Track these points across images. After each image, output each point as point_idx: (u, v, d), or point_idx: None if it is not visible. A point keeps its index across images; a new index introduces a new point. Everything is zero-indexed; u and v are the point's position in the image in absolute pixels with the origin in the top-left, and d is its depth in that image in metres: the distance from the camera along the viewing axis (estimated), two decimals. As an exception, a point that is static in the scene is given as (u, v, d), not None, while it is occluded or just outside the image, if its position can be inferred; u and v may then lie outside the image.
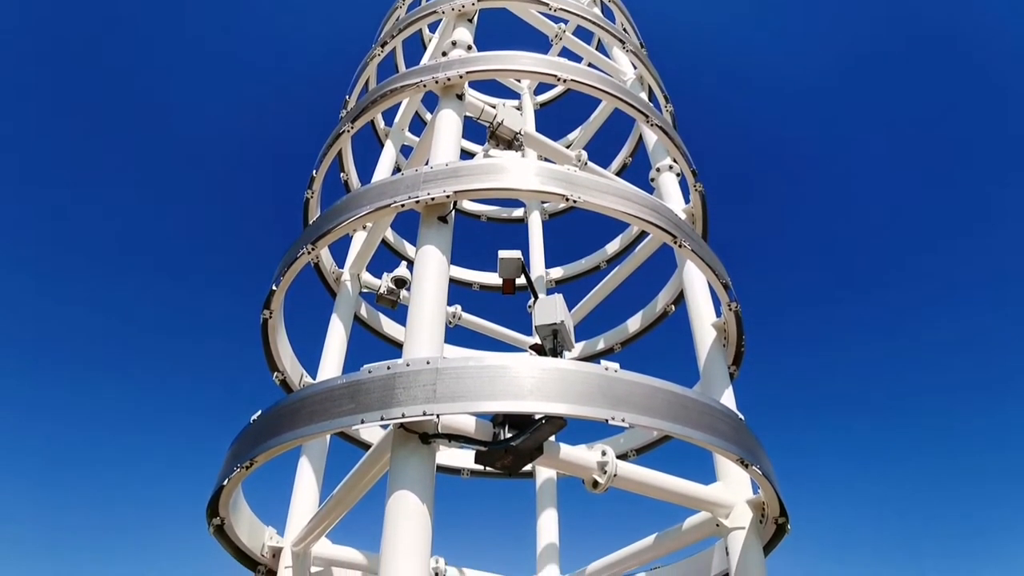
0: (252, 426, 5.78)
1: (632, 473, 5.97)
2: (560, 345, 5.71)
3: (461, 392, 4.84)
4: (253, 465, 5.55)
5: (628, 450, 9.61)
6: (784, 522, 6.23)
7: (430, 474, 4.97)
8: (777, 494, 6.00)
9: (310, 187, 9.64)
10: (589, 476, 5.77)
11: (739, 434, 5.74)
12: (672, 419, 5.23)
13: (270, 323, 7.85)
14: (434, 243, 6.25)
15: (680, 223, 7.21)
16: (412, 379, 4.96)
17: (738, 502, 6.39)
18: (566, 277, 12.51)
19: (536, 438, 5.11)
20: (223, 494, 6.05)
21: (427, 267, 6.05)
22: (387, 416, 4.83)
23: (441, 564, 8.05)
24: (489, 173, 6.49)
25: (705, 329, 7.95)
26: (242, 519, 6.80)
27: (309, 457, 7.82)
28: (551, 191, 6.44)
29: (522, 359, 5.26)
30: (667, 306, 10.18)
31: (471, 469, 10.11)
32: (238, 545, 6.74)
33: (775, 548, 6.46)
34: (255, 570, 7.06)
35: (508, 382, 4.90)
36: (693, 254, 7.04)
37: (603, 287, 10.59)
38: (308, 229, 7.49)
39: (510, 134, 8.54)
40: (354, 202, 6.84)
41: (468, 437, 5.24)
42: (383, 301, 9.48)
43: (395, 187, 6.59)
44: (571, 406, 4.86)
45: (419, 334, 5.58)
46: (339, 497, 6.34)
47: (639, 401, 5.12)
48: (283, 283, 7.35)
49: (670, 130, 9.48)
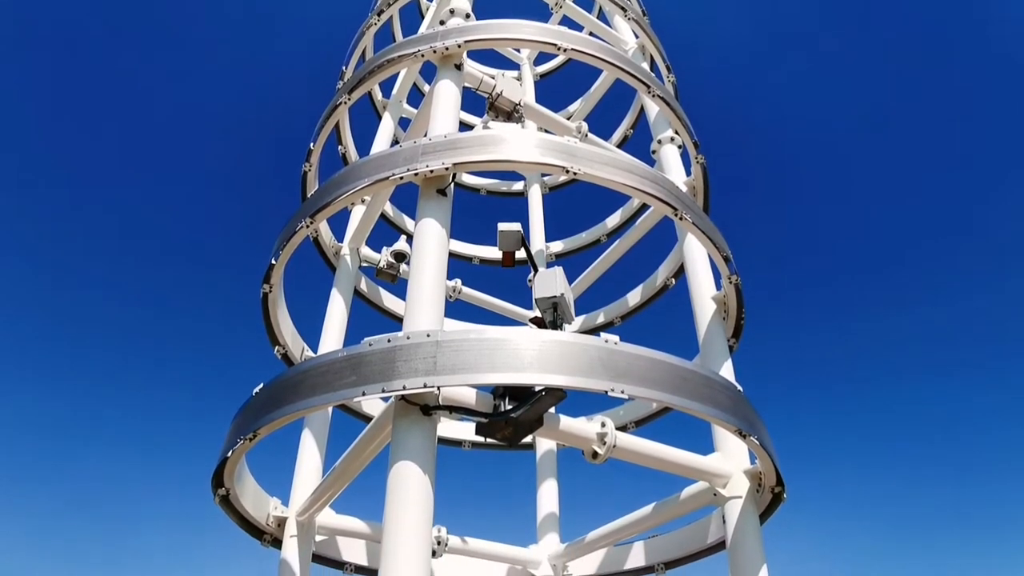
0: (254, 399, 5.84)
1: (631, 444, 6.04)
2: (560, 318, 5.72)
3: (462, 364, 4.87)
4: (256, 437, 5.61)
5: (627, 422, 9.71)
6: (780, 491, 6.33)
7: (431, 445, 5.03)
8: (774, 464, 6.08)
9: (308, 160, 9.54)
10: (588, 447, 5.84)
11: (737, 405, 5.79)
12: (671, 391, 5.27)
13: (270, 297, 7.85)
14: (433, 216, 6.21)
15: (681, 195, 7.16)
16: (413, 352, 4.98)
17: (735, 472, 6.48)
18: (566, 251, 12.47)
19: (536, 410, 5.16)
20: (227, 465, 6.13)
21: (426, 240, 6.02)
22: (388, 388, 4.86)
23: (443, 533, 8.18)
24: (488, 145, 6.41)
25: (705, 302, 7.96)
26: (247, 490, 6.91)
27: (312, 429, 7.91)
28: (551, 163, 6.37)
29: (522, 331, 5.28)
30: (667, 279, 10.17)
31: (472, 441, 10.23)
32: (243, 515, 6.87)
33: (771, 517, 6.59)
34: (261, 539, 7.21)
35: (508, 354, 4.93)
36: (694, 227, 7.00)
37: (603, 260, 10.57)
38: (306, 202, 7.44)
39: (509, 105, 8.42)
40: (352, 175, 6.77)
41: (469, 409, 5.29)
42: (383, 275, 9.47)
43: (393, 159, 6.52)
44: (571, 378, 4.89)
45: (419, 307, 5.58)
46: (342, 468, 6.43)
47: (639, 373, 5.15)
48: (282, 257, 7.33)
49: (672, 101, 9.34)
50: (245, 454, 6.43)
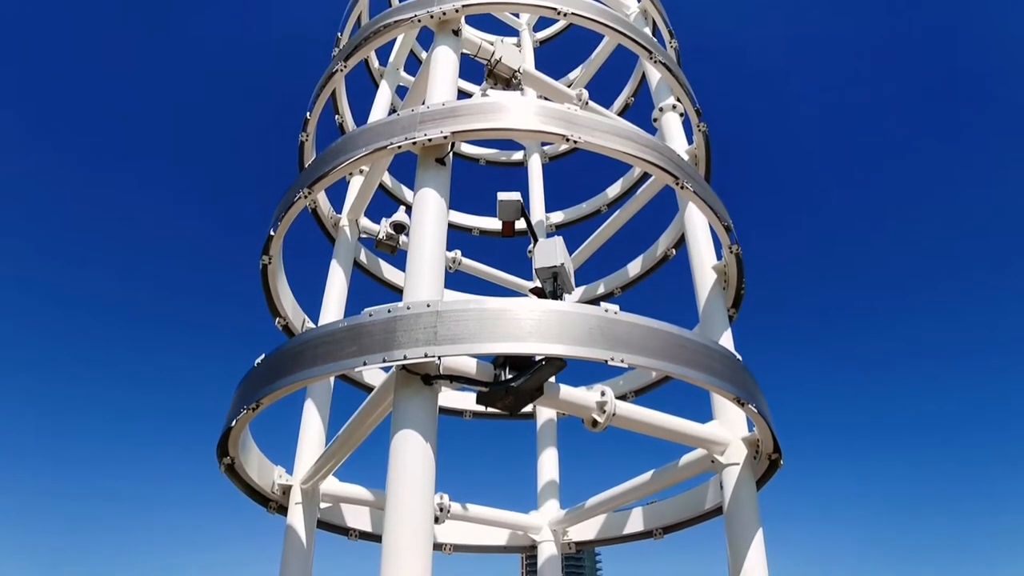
0: (256, 369, 5.87)
1: (630, 412, 6.10)
2: (560, 288, 5.72)
3: (462, 334, 4.89)
4: (259, 407, 5.67)
5: (627, 392, 9.79)
6: (777, 458, 6.42)
7: (432, 414, 5.08)
8: (771, 431, 6.15)
9: (304, 130, 9.41)
10: (588, 415, 5.90)
11: (736, 374, 5.83)
12: (670, 359, 5.30)
13: (269, 269, 7.84)
14: (432, 186, 6.15)
15: (682, 164, 7.07)
16: (413, 322, 4.99)
17: (733, 439, 6.56)
18: (566, 221, 12.40)
19: (536, 379, 5.20)
20: (231, 434, 6.21)
21: (426, 210, 5.98)
22: (389, 358, 4.89)
23: (445, 500, 8.32)
24: (487, 113, 6.31)
25: (705, 272, 7.95)
26: (251, 459, 7.01)
27: (314, 399, 7.99)
28: (551, 131, 6.28)
29: (522, 302, 5.28)
30: (668, 250, 10.13)
31: (473, 410, 10.34)
32: (249, 483, 6.99)
33: (767, 483, 6.69)
34: (267, 507, 7.35)
35: (508, 324, 4.94)
36: (695, 196, 6.94)
37: (604, 231, 10.51)
38: (304, 173, 7.36)
39: (509, 72, 8.26)
40: (350, 144, 6.69)
41: (469, 378, 5.32)
42: (382, 247, 9.42)
43: (391, 128, 6.43)
44: (570, 347, 4.91)
45: (419, 278, 5.58)
46: (344, 437, 6.51)
47: (638, 342, 5.17)
48: (280, 228, 7.29)
49: (674, 67, 9.16)
50: (249, 424, 6.53)
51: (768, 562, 6.10)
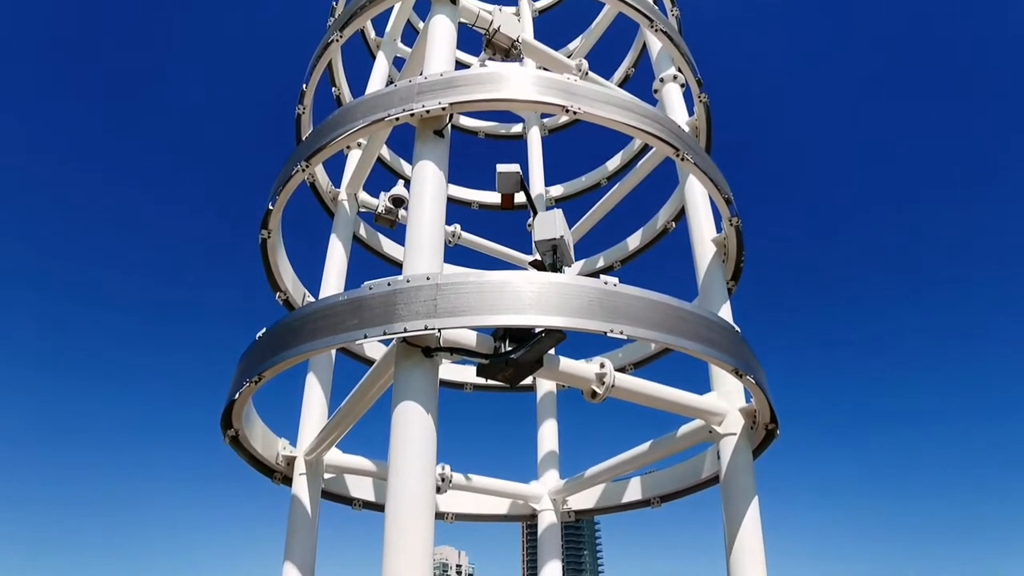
0: (258, 343, 5.91)
1: (629, 384, 6.16)
2: (559, 260, 5.72)
3: (462, 307, 4.91)
4: (261, 380, 5.72)
5: (626, 364, 9.87)
6: (774, 428, 6.50)
7: (433, 386, 5.13)
8: (769, 402, 6.23)
9: (301, 102, 9.29)
10: (588, 387, 5.96)
11: (735, 345, 5.87)
12: (669, 331, 5.33)
13: (269, 243, 7.83)
14: (431, 158, 6.11)
15: (683, 135, 7.01)
16: (413, 295, 5.01)
17: (731, 410, 6.64)
18: (566, 195, 12.34)
19: (536, 351, 5.24)
20: (235, 407, 6.28)
21: (424, 183, 5.95)
22: (389, 331, 4.92)
23: (447, 471, 8.46)
24: (486, 83, 6.23)
25: (705, 244, 7.94)
26: (255, 431, 7.11)
27: (316, 373, 8.06)
28: (550, 101, 6.21)
29: (522, 274, 5.29)
30: (668, 223, 10.10)
31: (474, 383, 10.44)
32: (253, 454, 7.10)
33: (764, 452, 6.79)
34: (272, 477, 7.48)
35: (508, 297, 4.96)
36: (695, 167, 6.89)
37: (603, 204, 10.47)
38: (301, 146, 7.29)
39: (507, 42, 8.13)
40: (347, 116, 6.62)
41: (470, 350, 5.36)
42: (381, 221, 9.40)
43: (388, 99, 6.35)
44: (570, 319, 4.94)
45: (418, 250, 5.57)
46: (347, 409, 6.59)
47: (637, 314, 5.20)
48: (279, 202, 7.25)
49: (675, 36, 9.01)
50: (252, 397, 6.60)
51: (763, 530, 6.22)
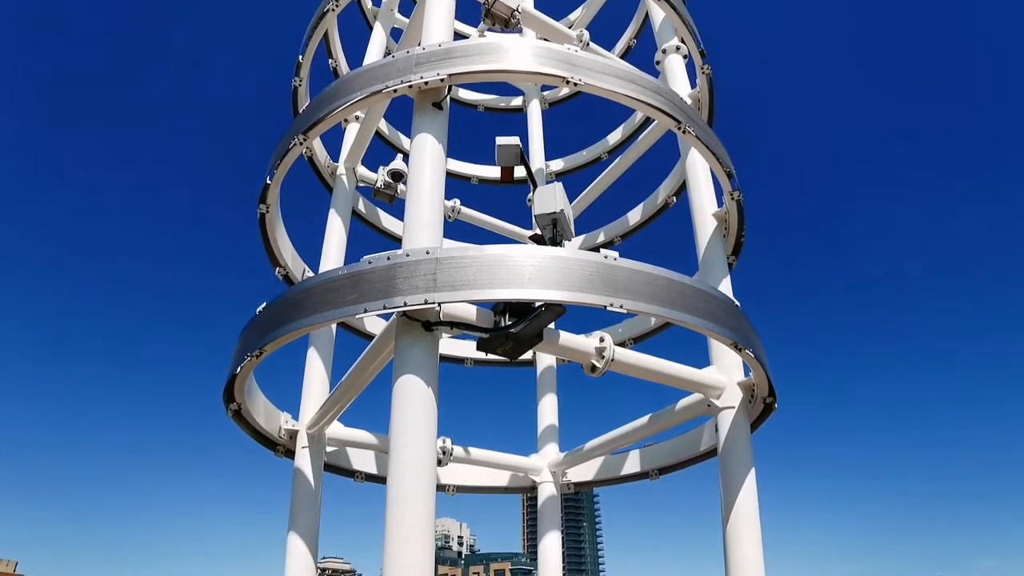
0: (259, 317, 5.92)
1: (628, 358, 6.19)
2: (560, 234, 5.69)
3: (461, 281, 4.90)
4: (263, 354, 5.75)
5: (625, 339, 9.90)
6: (772, 401, 6.55)
7: (434, 360, 5.16)
8: (767, 376, 6.26)
9: (297, 74, 9.15)
10: (587, 361, 5.99)
11: (734, 319, 5.88)
12: (670, 305, 5.33)
13: (267, 218, 7.79)
14: (429, 131, 6.03)
15: (685, 107, 6.91)
16: (412, 269, 5.00)
17: (729, 384, 6.69)
18: (567, 169, 12.24)
19: (536, 325, 5.25)
20: (237, 381, 6.32)
21: (423, 156, 5.88)
22: (389, 305, 4.92)
23: (448, 444, 8.56)
24: (485, 54, 6.12)
25: (706, 219, 7.90)
26: (258, 405, 7.17)
27: (317, 348, 8.09)
28: (550, 72, 6.10)
29: (522, 248, 5.26)
30: (668, 197, 10.03)
31: (474, 358, 10.49)
32: (256, 428, 7.17)
33: (761, 425, 6.86)
34: (275, 451, 7.57)
35: (508, 270, 4.95)
36: (697, 140, 6.81)
37: (604, 178, 10.39)
38: (298, 118, 7.20)
39: (507, 11, 7.97)
40: (344, 88, 6.52)
41: (470, 325, 5.37)
42: (380, 195, 9.34)
43: (386, 71, 6.25)
44: (570, 293, 4.93)
45: (418, 224, 5.54)
46: (348, 383, 6.63)
47: (638, 288, 5.19)
48: (277, 176, 7.19)
49: (678, 5, 8.83)
50: (254, 372, 6.64)
51: (760, 502, 6.32)
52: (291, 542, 6.95)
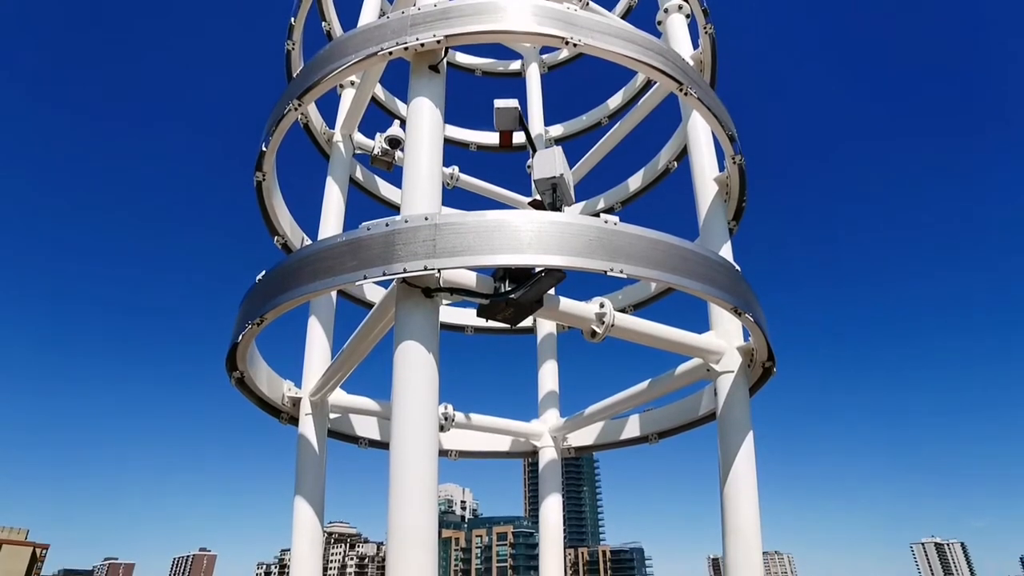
0: (259, 285, 5.91)
1: (629, 323, 6.20)
2: (559, 199, 5.64)
3: (461, 247, 4.87)
4: (264, 322, 5.76)
5: (625, 306, 9.92)
6: (771, 366, 6.59)
7: (434, 326, 5.17)
8: (767, 340, 6.28)
9: (290, 37, 8.94)
10: (588, 326, 6.00)
11: (735, 284, 5.87)
12: (670, 270, 5.31)
13: (264, 185, 7.70)
14: (426, 95, 5.92)
15: (687, 69, 6.76)
16: (411, 235, 4.96)
17: (729, 348, 6.71)
18: (566, 135, 12.06)
19: (536, 290, 5.24)
20: (239, 349, 6.35)
21: (421, 120, 5.79)
22: (389, 272, 4.90)
23: (450, 410, 8.65)
24: (482, 14, 5.96)
25: (707, 184, 7.82)
26: (260, 373, 7.22)
27: (318, 316, 8.11)
28: (549, 33, 5.95)
29: (521, 213, 5.22)
30: (669, 162, 9.92)
31: (475, 326, 10.52)
32: (259, 395, 7.24)
33: (760, 389, 6.92)
34: (279, 418, 7.66)
35: (507, 236, 4.91)
36: (699, 103, 6.68)
37: (604, 143, 10.25)
38: (292, 83, 7.06)
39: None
40: (338, 51, 6.37)
41: (470, 291, 5.36)
42: (378, 163, 9.21)
43: (381, 33, 6.09)
44: (570, 258, 4.91)
45: (416, 190, 5.49)
46: (349, 351, 6.67)
47: (638, 253, 5.16)
48: (272, 143, 7.08)
49: (681, -39, 8.56)
50: (255, 340, 6.66)
51: (757, 463, 6.41)
52: (297, 507, 7.08)
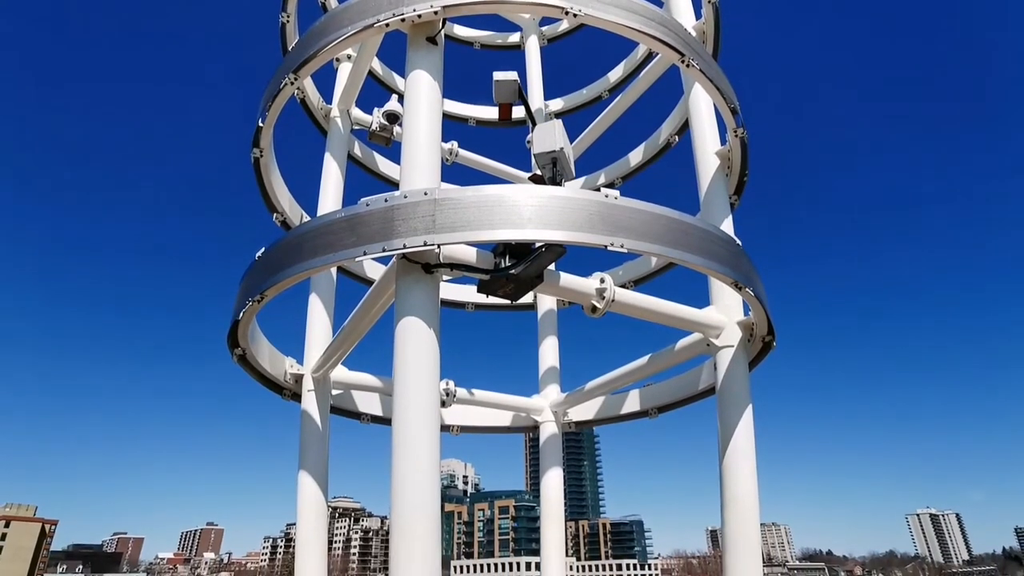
0: (258, 262, 5.90)
1: (629, 298, 6.20)
2: (559, 174, 5.59)
3: (460, 222, 4.84)
4: (264, 299, 5.76)
5: (625, 281, 9.91)
6: (770, 340, 6.61)
7: (434, 301, 5.17)
8: (767, 314, 6.29)
9: (284, 9, 8.76)
10: (588, 302, 6.01)
11: (735, 258, 5.85)
12: (671, 244, 5.29)
13: (262, 162, 7.64)
14: (424, 67, 5.83)
15: (689, 39, 6.64)
16: (411, 211, 4.93)
17: (729, 323, 6.72)
18: (566, 108, 11.91)
19: (536, 266, 5.23)
20: (240, 326, 6.37)
21: (419, 93, 5.71)
22: (388, 247, 4.89)
23: (451, 386, 8.71)
24: (480, -17, 5.83)
25: (708, 157, 7.74)
26: (262, 350, 7.25)
27: (318, 293, 8.12)
28: (548, 2, 5.83)
29: (521, 188, 5.18)
30: (671, 136, 9.81)
31: (475, 303, 10.54)
32: (261, 372, 7.28)
33: (759, 363, 6.95)
34: (281, 394, 7.72)
35: (507, 211, 4.88)
36: (701, 74, 6.58)
37: (605, 117, 10.12)
38: (288, 56, 6.94)
39: (503, -62, 7.52)
40: (333, 23, 6.25)
41: (470, 266, 5.35)
42: (376, 138, 9.12)
43: (377, 3, 5.97)
44: (570, 233, 4.88)
45: (415, 165, 5.44)
46: (350, 327, 6.68)
47: (638, 227, 5.14)
48: (269, 117, 7.00)
49: (684, -72, 8.35)
50: (256, 318, 6.67)
51: (756, 435, 6.47)
52: (302, 482, 7.18)
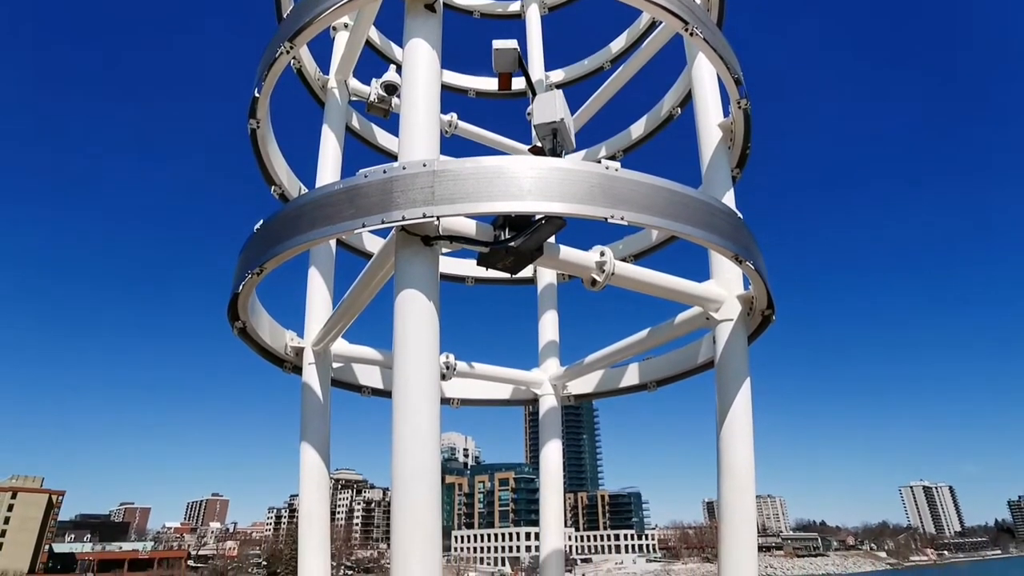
0: (257, 234, 5.88)
1: (628, 271, 6.19)
2: (560, 145, 5.53)
3: (460, 194, 4.81)
4: (263, 271, 5.75)
5: (626, 255, 9.87)
6: (770, 314, 6.62)
7: (434, 274, 5.16)
8: (767, 288, 6.29)
9: (279, -24, 8.56)
10: (588, 275, 6.00)
11: (736, 231, 5.83)
12: (671, 217, 5.26)
13: (259, 133, 7.55)
14: (422, 36, 5.72)
15: (693, 7, 6.50)
16: (409, 182, 4.89)
17: (728, 297, 6.73)
18: (567, 80, 11.71)
19: (536, 238, 5.21)
20: (240, 299, 6.37)
21: (417, 62, 5.61)
22: (387, 219, 4.86)
23: (451, 359, 8.75)
24: (479, -52, 5.68)
25: (711, 129, 7.65)
26: (262, 323, 7.27)
27: (317, 266, 8.11)
28: (550, -32, 5.69)
29: (521, 159, 5.13)
30: (673, 108, 9.67)
31: (475, 276, 10.53)
32: (262, 345, 7.31)
33: (759, 337, 6.98)
34: (282, 367, 7.76)
35: (507, 182, 4.84)
36: (705, 43, 6.46)
37: (607, 89, 9.97)
38: (283, 24, 6.81)
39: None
40: (329, -11, 6.10)
41: (469, 239, 5.33)
42: (374, 110, 9.01)
43: (374, -32, 5.83)
44: (570, 205, 4.85)
45: (413, 136, 5.38)
46: (350, 300, 6.69)
47: (639, 200, 5.10)
48: (265, 88, 6.90)
49: None
50: (256, 291, 6.67)
51: (753, 409, 6.53)
52: (304, 454, 7.26)
